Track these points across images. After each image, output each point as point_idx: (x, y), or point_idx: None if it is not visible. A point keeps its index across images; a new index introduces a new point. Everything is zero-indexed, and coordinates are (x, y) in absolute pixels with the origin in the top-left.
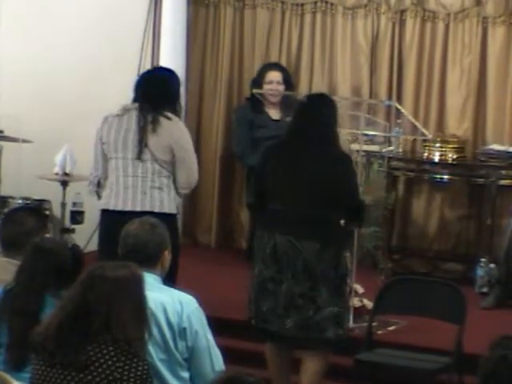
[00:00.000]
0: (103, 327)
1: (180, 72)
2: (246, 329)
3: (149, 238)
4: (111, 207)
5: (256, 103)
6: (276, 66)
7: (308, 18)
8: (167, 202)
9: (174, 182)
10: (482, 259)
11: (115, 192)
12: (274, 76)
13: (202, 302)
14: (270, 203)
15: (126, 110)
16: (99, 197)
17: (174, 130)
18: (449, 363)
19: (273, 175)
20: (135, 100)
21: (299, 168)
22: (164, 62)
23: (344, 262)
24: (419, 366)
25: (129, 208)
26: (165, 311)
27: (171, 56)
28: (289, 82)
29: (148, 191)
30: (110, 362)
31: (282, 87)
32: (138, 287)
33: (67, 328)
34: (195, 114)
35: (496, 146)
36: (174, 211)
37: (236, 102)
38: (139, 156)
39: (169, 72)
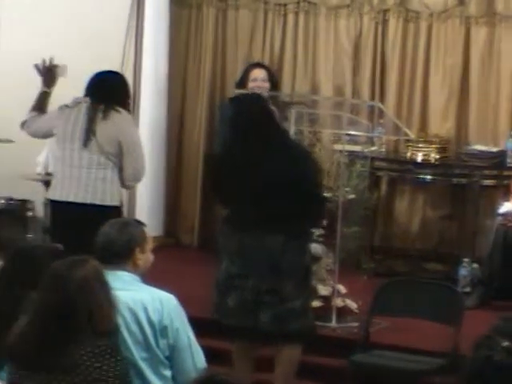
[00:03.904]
0: (87, 324)
1: (162, 73)
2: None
3: (117, 236)
4: (56, 197)
5: None
6: (260, 65)
7: (291, 18)
8: (110, 194)
9: (120, 174)
10: (465, 259)
11: (60, 182)
12: (259, 73)
13: (184, 303)
14: (231, 201)
15: (77, 103)
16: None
17: (123, 123)
18: (442, 364)
19: (231, 174)
20: (86, 95)
21: (257, 165)
22: (146, 63)
23: (308, 254)
24: (414, 367)
25: (71, 199)
26: (145, 310)
27: (153, 57)
28: (273, 80)
29: (91, 183)
30: (88, 363)
31: (267, 84)
32: (105, 278)
33: (51, 331)
34: (178, 114)
35: (479, 146)
36: (116, 203)
37: (218, 102)
38: (86, 144)
39: (118, 74)
